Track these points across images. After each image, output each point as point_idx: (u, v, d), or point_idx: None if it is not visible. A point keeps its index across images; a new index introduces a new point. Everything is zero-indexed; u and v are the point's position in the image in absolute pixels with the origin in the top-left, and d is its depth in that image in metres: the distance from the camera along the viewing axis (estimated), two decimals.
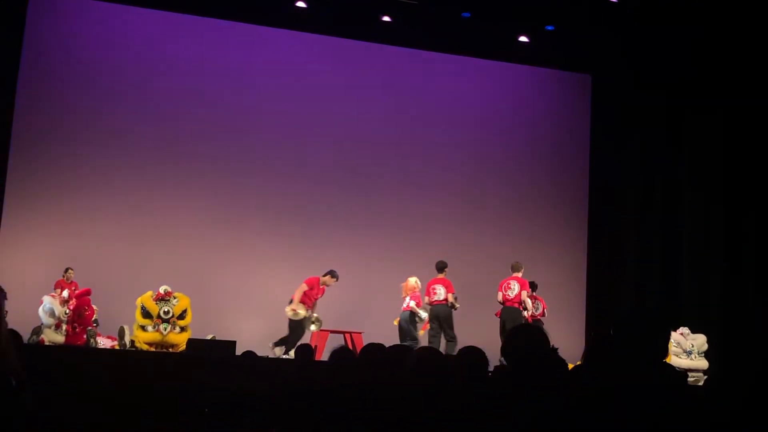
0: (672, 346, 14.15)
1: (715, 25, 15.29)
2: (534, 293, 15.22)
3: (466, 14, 16.20)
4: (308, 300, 14.37)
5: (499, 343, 14.41)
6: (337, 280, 14.69)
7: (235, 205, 16.15)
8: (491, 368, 5.35)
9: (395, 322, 14.44)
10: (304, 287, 14.34)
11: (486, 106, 17.52)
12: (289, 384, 6.67)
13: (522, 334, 3.88)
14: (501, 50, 17.00)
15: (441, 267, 14.84)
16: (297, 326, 14.22)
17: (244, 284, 15.37)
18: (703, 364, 14.28)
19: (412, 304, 14.28)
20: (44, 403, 3.10)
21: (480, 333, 14.60)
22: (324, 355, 13.73)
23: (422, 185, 16.98)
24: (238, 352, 12.13)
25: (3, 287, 3.21)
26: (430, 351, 4.68)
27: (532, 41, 16.69)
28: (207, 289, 15.00)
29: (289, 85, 16.56)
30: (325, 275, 14.63)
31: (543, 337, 3.83)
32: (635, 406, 3.36)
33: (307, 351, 8.43)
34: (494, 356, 5.02)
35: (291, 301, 14.24)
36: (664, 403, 3.41)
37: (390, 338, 14.64)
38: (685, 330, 14.58)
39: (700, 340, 14.51)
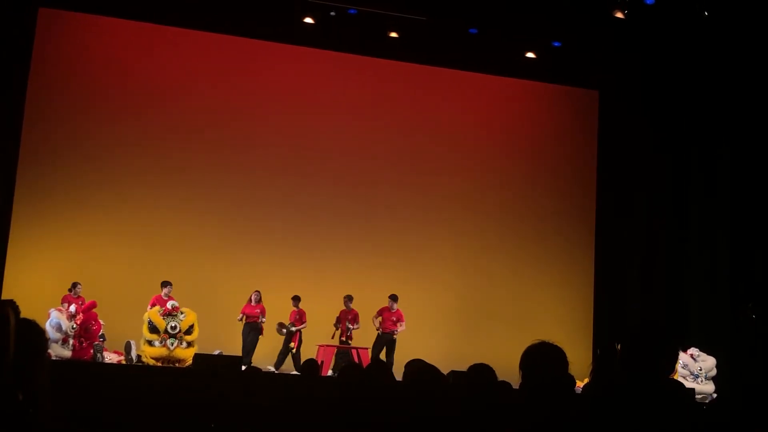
0: (679, 367, 13.95)
1: (724, 42, 15.29)
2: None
3: (474, 30, 16.22)
4: None
5: (506, 359, 14.42)
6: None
7: (244, 222, 16.16)
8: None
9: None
10: None
11: (493, 122, 17.52)
12: (295, 399, 6.65)
13: (539, 352, 3.83)
14: (508, 66, 17.01)
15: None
16: None
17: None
18: (709, 388, 14.06)
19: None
20: (52, 419, 3.10)
21: (491, 347, 14.63)
22: (328, 370, 13.73)
23: (429, 202, 16.97)
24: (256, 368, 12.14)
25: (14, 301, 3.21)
26: (427, 365, 4.65)
27: (539, 57, 16.69)
28: (214, 305, 14.99)
29: (295, 101, 16.59)
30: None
31: (559, 354, 3.80)
32: (643, 422, 3.34)
33: (313, 366, 8.41)
34: (502, 373, 5.01)
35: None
36: (672, 419, 3.39)
37: (397, 354, 14.66)
38: (694, 351, 14.38)
39: (709, 363, 14.30)
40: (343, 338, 14.96)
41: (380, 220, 16.77)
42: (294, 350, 14.71)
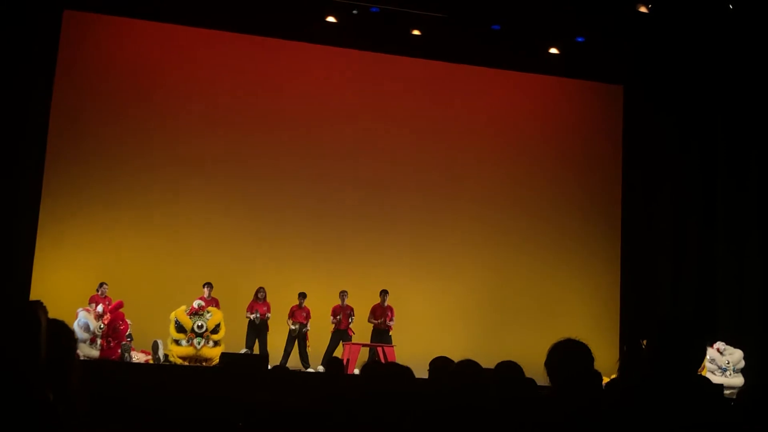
0: (707, 362, 13.87)
1: (749, 36, 15.18)
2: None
3: (497, 27, 16.19)
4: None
5: (532, 356, 14.39)
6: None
7: (270, 221, 16.19)
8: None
9: None
10: None
11: (517, 118, 17.46)
12: (321, 397, 6.68)
13: (564, 349, 3.83)
14: (532, 62, 16.95)
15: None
16: None
17: (277, 300, 15.35)
18: (739, 381, 13.97)
19: None
20: (83, 419, 3.13)
21: (517, 344, 14.59)
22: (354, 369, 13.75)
23: (452, 198, 16.94)
24: (270, 366, 12.20)
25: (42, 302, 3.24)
26: (469, 363, 4.64)
27: (562, 53, 16.63)
28: (240, 304, 15.02)
29: (318, 100, 16.61)
30: None
31: (584, 351, 3.80)
32: (670, 419, 3.33)
33: (338, 364, 8.42)
34: (528, 370, 5.01)
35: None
36: (700, 416, 3.38)
37: (421, 351, 14.64)
38: (721, 345, 14.29)
39: (736, 356, 14.22)
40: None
41: (403, 218, 16.73)
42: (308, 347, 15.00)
